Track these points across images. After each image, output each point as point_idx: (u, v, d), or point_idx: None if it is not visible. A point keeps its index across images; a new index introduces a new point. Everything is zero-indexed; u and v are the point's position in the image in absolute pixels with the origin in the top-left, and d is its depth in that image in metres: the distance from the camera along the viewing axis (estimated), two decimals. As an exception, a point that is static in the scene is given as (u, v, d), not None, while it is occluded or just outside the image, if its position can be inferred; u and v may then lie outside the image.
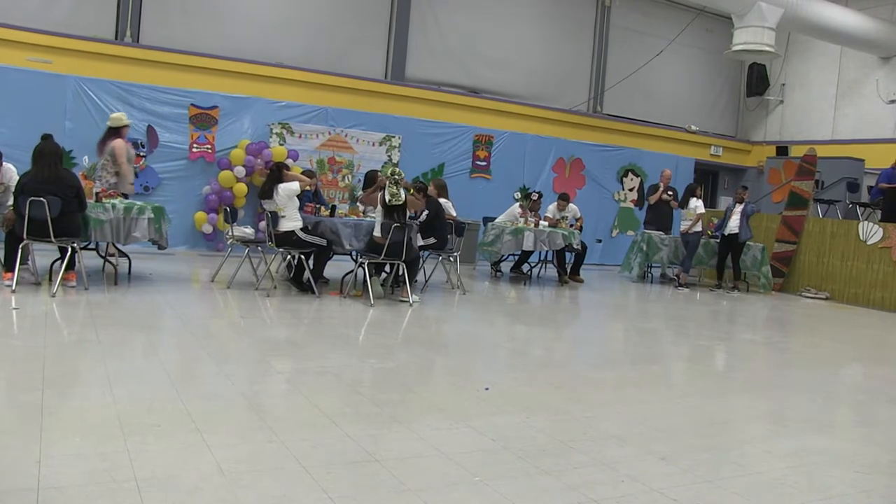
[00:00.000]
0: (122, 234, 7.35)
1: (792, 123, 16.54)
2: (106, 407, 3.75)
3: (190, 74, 11.14)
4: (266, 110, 11.47)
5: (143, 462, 3.10)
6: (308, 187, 8.87)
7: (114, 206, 7.26)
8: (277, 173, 7.85)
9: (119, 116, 8.44)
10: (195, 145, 11.01)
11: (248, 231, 8.55)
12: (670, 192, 12.27)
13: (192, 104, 11.02)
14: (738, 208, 11.59)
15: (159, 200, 9.68)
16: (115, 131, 8.26)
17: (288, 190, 7.72)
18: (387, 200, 7.74)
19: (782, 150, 16.02)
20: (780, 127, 16.82)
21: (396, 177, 7.80)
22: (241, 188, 10.87)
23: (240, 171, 10.83)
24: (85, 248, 7.29)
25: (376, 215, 7.97)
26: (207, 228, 10.94)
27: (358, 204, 9.07)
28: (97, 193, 7.41)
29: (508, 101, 13.97)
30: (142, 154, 10.66)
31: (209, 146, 11.07)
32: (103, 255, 7.87)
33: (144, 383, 4.25)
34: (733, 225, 11.51)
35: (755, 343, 7.76)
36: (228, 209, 8.37)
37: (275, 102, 11.56)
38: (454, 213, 10.02)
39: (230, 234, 8.25)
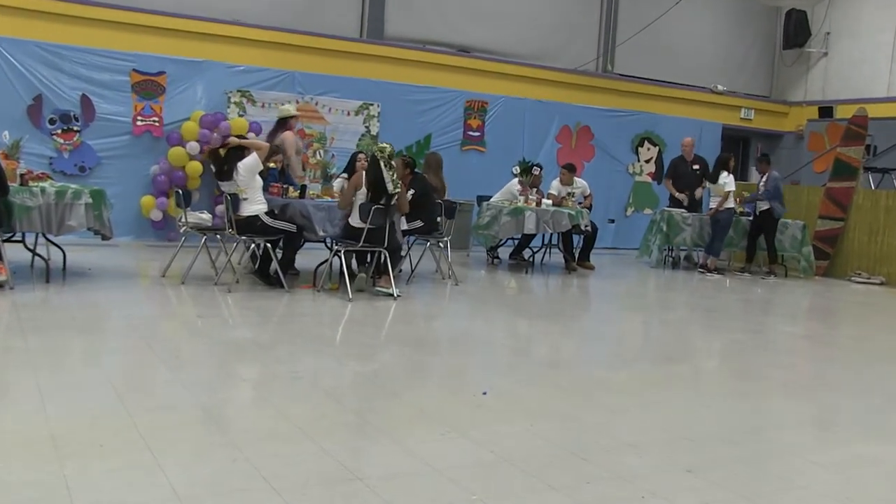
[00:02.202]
0: (54, 224, 7.26)
1: (838, 79, 16.43)
2: (37, 425, 3.72)
3: (131, 34, 11.02)
4: (222, 76, 11.38)
5: (84, 489, 3.08)
6: (274, 164, 8.82)
7: (43, 191, 7.17)
8: (236, 152, 7.79)
9: (287, 108, 9.69)
10: (139, 118, 10.92)
11: (205, 217, 8.49)
12: (697, 167, 12.18)
13: (134, 69, 10.91)
14: (762, 181, 11.63)
15: (99, 183, 9.58)
16: (283, 123, 9.26)
17: (248, 166, 7.66)
18: (388, 190, 7.69)
19: (826, 112, 15.96)
20: (823, 84, 16.73)
21: (391, 159, 7.75)
22: (195, 167, 10.80)
23: (193, 147, 10.76)
24: (9, 239, 7.20)
25: (355, 196, 7.93)
26: (156, 215, 10.88)
27: (333, 183, 9.03)
28: (22, 175, 7.33)
29: (504, 61, 13.92)
30: (75, 129, 10.58)
31: (156, 119, 10.98)
32: (31, 248, 7.82)
33: (84, 396, 4.22)
34: (763, 201, 11.56)
35: (796, 336, 7.79)
36: (181, 192, 8.31)
37: (232, 67, 11.48)
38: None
39: (183, 220, 8.21)
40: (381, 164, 7.74)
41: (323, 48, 12.28)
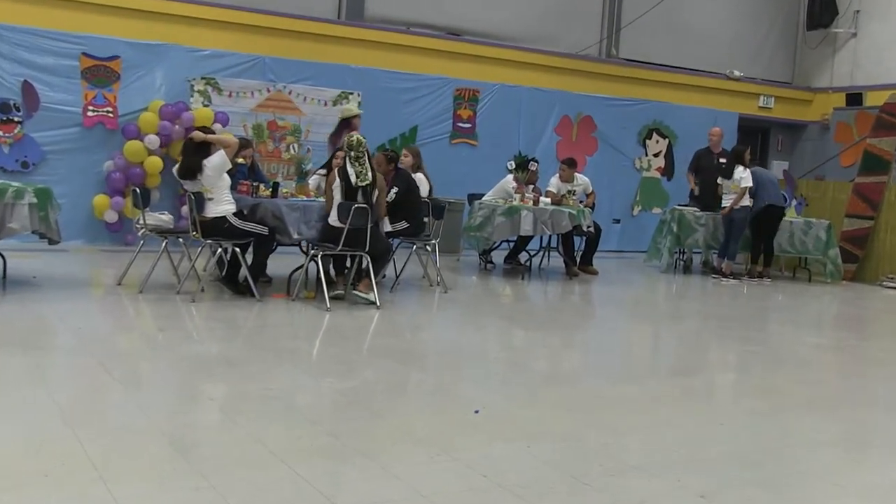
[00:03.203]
0: (-9, 227, 7.25)
1: (868, 63, 16.41)
2: (-19, 450, 3.71)
3: (81, 13, 10.98)
4: (184, 61, 11.36)
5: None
6: (242, 160, 8.80)
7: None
8: (202, 148, 7.75)
9: (350, 107, 10.00)
10: (91, 108, 10.88)
11: (166, 218, 8.47)
12: (724, 161, 12.09)
13: (84, 53, 10.87)
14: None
15: (44, 181, 9.55)
16: (346, 123, 9.32)
17: (216, 166, 7.65)
18: (352, 182, 7.72)
19: (854, 99, 15.97)
20: (851, 68, 16.71)
21: (358, 151, 7.77)
22: (155, 163, 10.77)
23: (152, 140, 10.73)
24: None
25: (332, 193, 7.93)
26: (111, 216, 10.84)
27: (308, 181, 9.02)
28: None
29: (498, 45, 13.94)
30: (16, 119, 10.52)
31: (110, 109, 10.95)
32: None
33: (27, 420, 4.20)
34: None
35: (822, 347, 7.83)
36: (138, 190, 8.29)
37: (196, 51, 11.46)
38: (423, 193, 9.99)
39: (141, 222, 8.18)
40: (346, 157, 7.78)
41: (297, 31, 12.27)
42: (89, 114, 10.88)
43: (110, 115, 10.96)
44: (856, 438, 4.97)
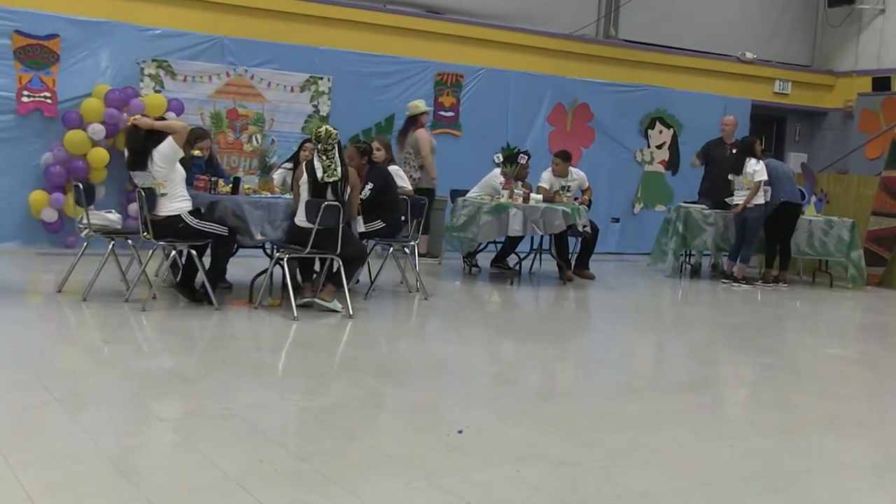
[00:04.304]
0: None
1: (896, 42, 16.49)
2: None
3: (15, -14, 10.93)
4: (133, 41, 11.30)
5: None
6: (199, 152, 8.77)
7: None
8: (153, 135, 7.72)
9: (417, 104, 11.05)
10: (26, 93, 10.80)
11: (113, 217, 8.43)
12: (736, 153, 12.11)
13: (17, 31, 10.76)
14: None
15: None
16: (413, 120, 10.62)
17: (164, 154, 7.61)
18: (318, 177, 7.71)
19: (882, 83, 15.94)
20: (878, 49, 16.65)
21: (326, 144, 7.76)
22: (99, 155, 10.71)
23: (96, 130, 10.67)
24: None
25: (299, 190, 7.92)
26: (50, 215, 10.77)
27: (272, 176, 9.00)
28: None
29: (484, 25, 13.96)
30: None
31: (48, 94, 10.87)
32: None
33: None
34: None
35: (845, 360, 7.86)
36: (81, 186, 8.24)
37: (146, 29, 11.41)
38: (408, 185, 10.00)
39: (85, 222, 8.14)
40: (315, 149, 7.81)
41: (259, 7, 12.25)
42: (24, 99, 10.80)
43: (48, 101, 10.88)
44: (883, 461, 4.99)
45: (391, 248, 9.26)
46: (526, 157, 11.24)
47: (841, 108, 16.84)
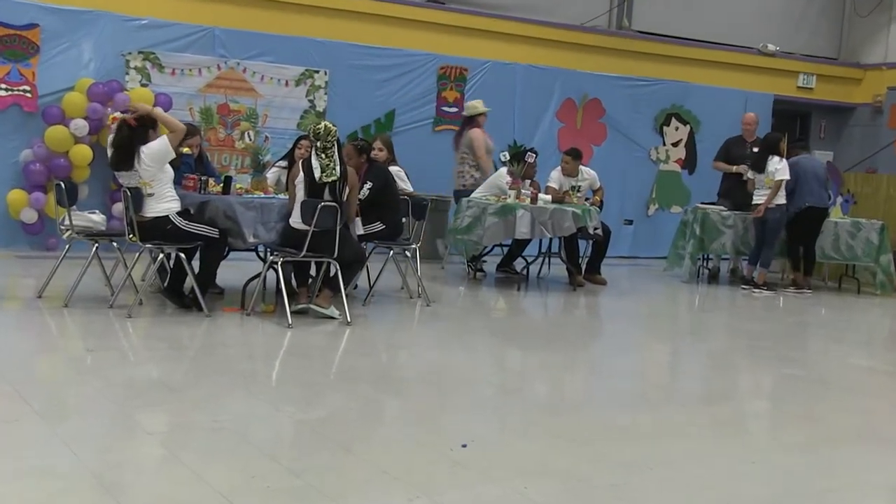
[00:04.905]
0: None
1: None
2: None
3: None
4: (118, 32, 11.30)
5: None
6: (188, 149, 8.77)
7: None
8: (140, 130, 7.72)
9: (475, 104, 11.52)
10: (4, 86, 10.80)
11: (97, 218, 8.44)
12: (757, 152, 12.07)
13: (-7, 21, 10.83)
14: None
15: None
16: (470, 120, 11.11)
17: (155, 152, 7.61)
18: (316, 177, 7.70)
19: None
20: (910, 40, 16.74)
21: (326, 141, 7.75)
22: (82, 153, 10.72)
23: (79, 126, 10.68)
24: None
25: (295, 189, 7.92)
26: (29, 216, 10.77)
27: (266, 175, 9.01)
28: None
29: (489, 15, 13.96)
30: None
31: (27, 88, 10.88)
32: None
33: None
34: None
35: (874, 371, 7.85)
36: (63, 185, 8.23)
37: (132, 20, 11.41)
38: (409, 187, 9.99)
39: (67, 223, 8.14)
40: (313, 147, 7.81)
41: (252, -3, 12.27)
42: (2, 93, 10.80)
43: (28, 94, 10.89)
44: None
45: (391, 252, 9.25)
46: (534, 155, 11.24)
47: (869, 103, 16.77)
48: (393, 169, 9.55)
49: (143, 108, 7.79)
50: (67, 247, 8.26)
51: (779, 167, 11.21)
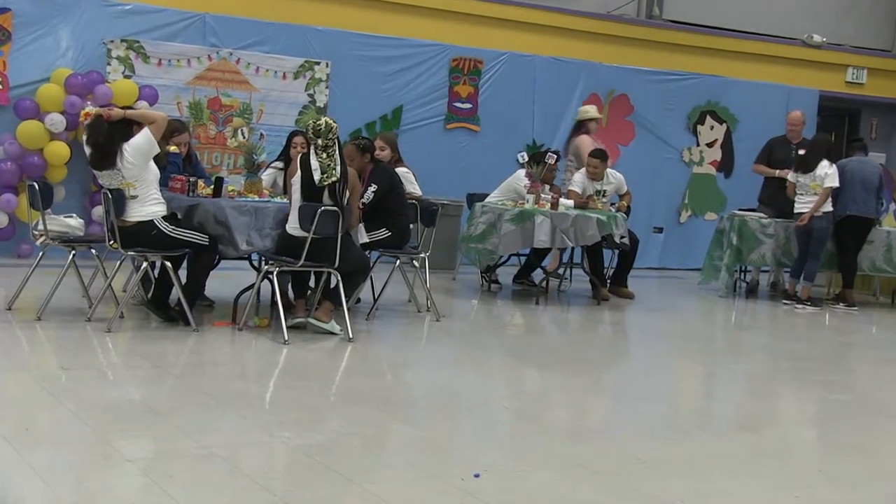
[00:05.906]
0: None
1: None
2: None
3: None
4: (99, 17, 11.35)
5: None
6: (175, 147, 8.79)
7: None
8: (119, 125, 7.73)
9: (586, 108, 12.06)
10: (-28, 77, 10.90)
11: (74, 223, 8.46)
12: (803, 154, 12.03)
13: (-37, 6, 10.89)
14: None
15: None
16: (580, 125, 11.53)
17: (138, 148, 7.61)
18: (315, 179, 7.69)
19: None
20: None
21: (326, 139, 7.75)
22: (59, 150, 10.76)
23: (55, 121, 10.71)
24: None
25: (291, 193, 7.93)
26: (0, 220, 10.81)
27: (262, 175, 9.02)
28: None
29: (506, 3, 13.98)
30: None
31: (-1, 79, 10.97)
32: None
33: None
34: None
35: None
36: (37, 186, 8.24)
37: (115, 5, 11.46)
38: (417, 190, 9.99)
39: (41, 227, 8.16)
40: (312, 146, 7.80)
41: (247, -19, 12.31)
42: (-29, 85, 10.89)
43: (-1, 87, 10.96)
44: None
45: (398, 261, 9.25)
46: (555, 156, 11.20)
47: (927, 100, 16.77)
48: (400, 170, 9.53)
49: (117, 113, 7.74)
50: (41, 254, 8.28)
51: (829, 172, 11.16)
